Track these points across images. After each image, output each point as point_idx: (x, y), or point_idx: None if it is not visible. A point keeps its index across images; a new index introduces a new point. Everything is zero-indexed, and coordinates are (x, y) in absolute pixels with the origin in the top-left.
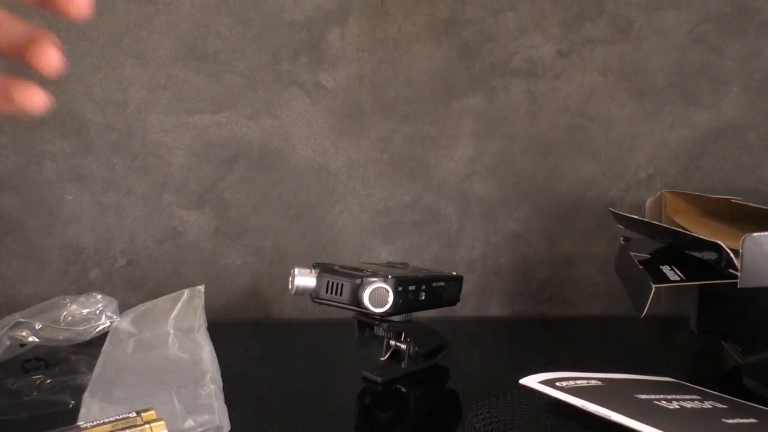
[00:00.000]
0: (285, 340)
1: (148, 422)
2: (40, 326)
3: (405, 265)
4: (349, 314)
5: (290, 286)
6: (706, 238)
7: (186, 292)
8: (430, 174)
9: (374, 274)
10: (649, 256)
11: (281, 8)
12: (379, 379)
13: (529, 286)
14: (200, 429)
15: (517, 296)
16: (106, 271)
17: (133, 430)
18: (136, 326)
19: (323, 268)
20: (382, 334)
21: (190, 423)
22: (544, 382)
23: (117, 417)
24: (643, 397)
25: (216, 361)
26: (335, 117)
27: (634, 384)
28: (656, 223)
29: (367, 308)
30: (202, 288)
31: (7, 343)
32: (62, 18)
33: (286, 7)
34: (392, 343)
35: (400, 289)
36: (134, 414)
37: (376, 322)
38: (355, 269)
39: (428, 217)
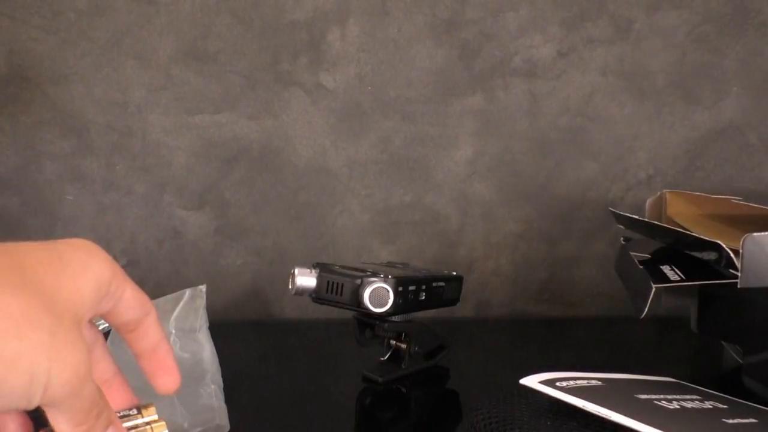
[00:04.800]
0: (285, 340)
1: (149, 423)
2: None
3: (405, 265)
4: (349, 314)
5: (290, 286)
6: (706, 238)
7: (187, 292)
8: (430, 174)
9: (374, 274)
10: (649, 256)
11: (281, 8)
12: (380, 379)
13: (529, 286)
14: (200, 428)
15: (517, 296)
16: None
17: (135, 430)
18: None
19: (323, 268)
20: (382, 334)
21: (190, 422)
22: (544, 382)
23: (118, 414)
24: (643, 397)
25: (217, 360)
26: (335, 117)
27: (634, 384)
28: (656, 223)
29: (367, 308)
30: (203, 288)
31: None
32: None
33: (286, 7)
34: (392, 343)
35: (400, 289)
36: (135, 411)
37: (376, 322)
38: (355, 269)
39: (428, 217)
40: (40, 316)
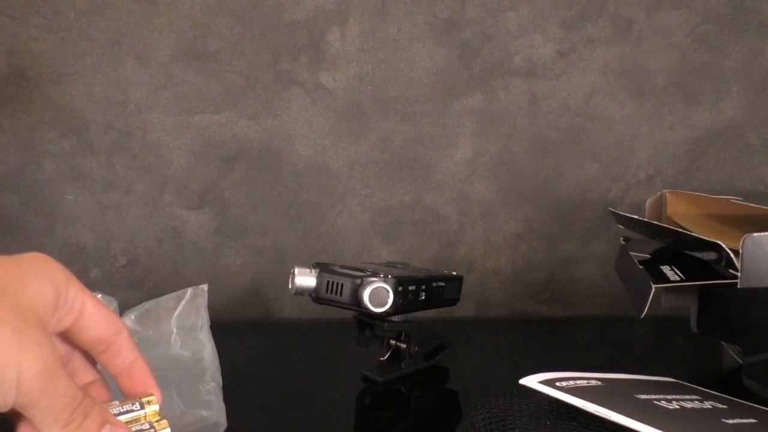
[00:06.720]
0: (285, 340)
1: (151, 423)
2: None
3: (405, 265)
4: (349, 314)
5: (290, 286)
6: (706, 238)
7: (189, 291)
8: (430, 174)
9: (374, 274)
10: (649, 256)
11: (281, 8)
12: (380, 379)
13: (529, 286)
14: (197, 425)
15: (517, 296)
16: (106, 270)
17: (136, 425)
18: (140, 324)
19: (323, 268)
20: (382, 334)
21: (187, 419)
22: (544, 382)
23: (120, 410)
24: (643, 397)
25: (217, 359)
26: (335, 117)
27: (634, 384)
28: (656, 223)
29: (367, 308)
30: (205, 287)
31: None
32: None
33: (286, 7)
34: (392, 342)
35: (400, 289)
36: (138, 407)
37: (376, 322)
38: (355, 269)
39: (428, 217)
40: (5, 315)
